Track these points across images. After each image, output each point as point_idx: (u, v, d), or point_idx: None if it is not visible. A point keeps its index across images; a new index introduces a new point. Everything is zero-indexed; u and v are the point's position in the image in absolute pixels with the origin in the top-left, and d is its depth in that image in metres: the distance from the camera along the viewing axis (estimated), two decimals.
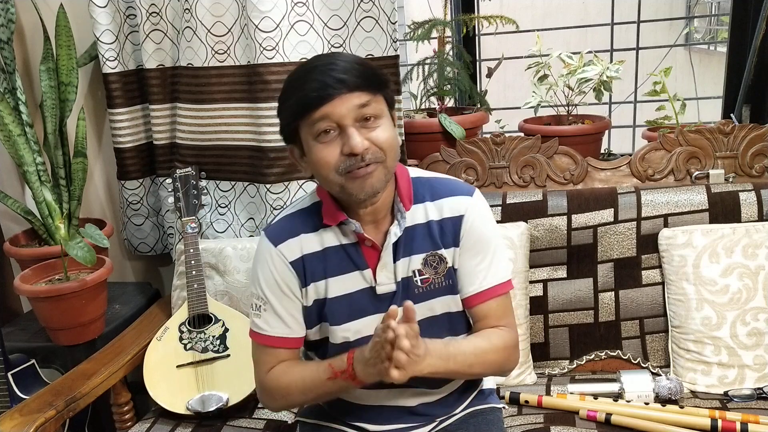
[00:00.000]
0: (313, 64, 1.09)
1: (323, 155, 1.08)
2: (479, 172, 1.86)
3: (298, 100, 1.07)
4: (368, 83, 1.08)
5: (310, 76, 1.07)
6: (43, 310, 1.75)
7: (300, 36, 1.75)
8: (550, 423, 1.48)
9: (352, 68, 1.07)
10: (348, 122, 1.07)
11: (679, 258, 1.64)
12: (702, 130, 1.78)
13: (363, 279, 1.19)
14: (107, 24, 1.88)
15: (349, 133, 1.06)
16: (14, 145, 1.84)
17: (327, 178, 1.11)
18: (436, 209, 1.20)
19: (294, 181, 1.86)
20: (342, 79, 1.05)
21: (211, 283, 1.82)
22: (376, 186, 1.10)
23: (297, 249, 1.19)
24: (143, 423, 1.62)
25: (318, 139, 1.08)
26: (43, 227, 1.95)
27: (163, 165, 2.00)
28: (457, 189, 1.22)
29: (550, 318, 1.74)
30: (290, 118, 1.11)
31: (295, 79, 1.10)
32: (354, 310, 1.19)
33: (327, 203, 1.18)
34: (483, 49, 2.34)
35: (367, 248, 1.18)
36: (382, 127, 1.10)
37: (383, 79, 1.13)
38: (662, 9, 3.55)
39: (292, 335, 1.21)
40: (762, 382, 1.56)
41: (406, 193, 1.19)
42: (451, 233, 1.20)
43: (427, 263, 1.19)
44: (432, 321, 1.21)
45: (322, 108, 1.06)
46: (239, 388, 1.65)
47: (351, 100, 1.06)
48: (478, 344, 1.18)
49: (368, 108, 1.08)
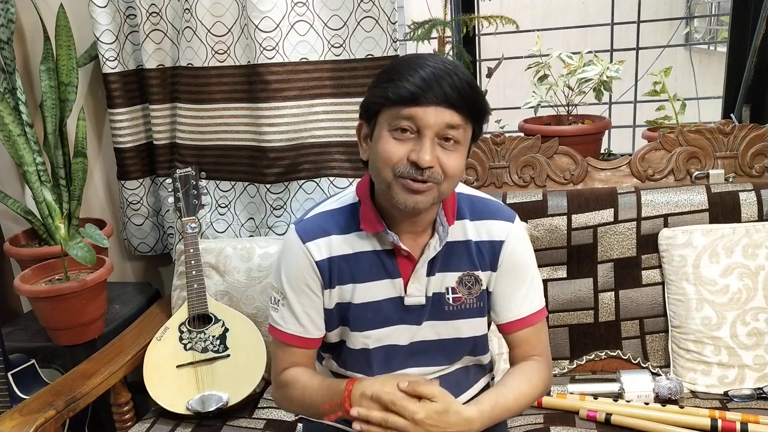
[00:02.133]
0: (432, 63, 1.04)
1: (389, 148, 1.04)
2: (479, 172, 1.86)
3: (396, 89, 1.03)
4: (468, 108, 1.04)
5: (422, 73, 1.02)
6: (43, 310, 1.75)
7: (300, 36, 1.75)
8: (550, 423, 1.48)
9: (462, 87, 1.03)
10: (428, 133, 1.03)
11: (679, 258, 1.64)
12: (702, 130, 1.78)
13: (393, 288, 1.16)
14: (107, 24, 1.88)
15: (424, 143, 1.03)
16: (14, 145, 1.84)
17: (380, 173, 1.07)
18: (475, 229, 1.18)
19: (294, 181, 1.86)
20: (447, 94, 1.02)
21: (211, 283, 1.82)
22: (421, 205, 1.06)
23: (326, 249, 1.15)
24: (143, 423, 1.63)
25: (393, 133, 1.05)
26: (43, 227, 1.95)
27: (163, 165, 2.00)
28: (499, 213, 1.20)
29: (550, 318, 1.74)
30: (378, 99, 1.06)
31: (407, 66, 1.05)
32: (378, 318, 1.17)
33: (366, 208, 1.15)
34: (483, 49, 2.34)
35: (402, 258, 1.15)
36: (457, 154, 1.06)
37: (483, 112, 1.09)
38: (662, 9, 3.54)
39: (306, 335, 1.19)
40: (762, 382, 1.56)
41: (451, 208, 1.16)
42: (490, 257, 1.18)
43: (462, 282, 1.17)
44: (457, 343, 1.20)
45: (414, 109, 1.02)
46: (239, 388, 1.65)
47: (444, 116, 1.02)
48: (522, 391, 1.17)
49: (455, 131, 1.04)
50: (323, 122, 1.81)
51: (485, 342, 1.25)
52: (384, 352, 1.18)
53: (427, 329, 1.18)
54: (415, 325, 1.18)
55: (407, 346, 1.18)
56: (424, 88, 1.01)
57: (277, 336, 1.21)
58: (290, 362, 1.21)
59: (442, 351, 1.17)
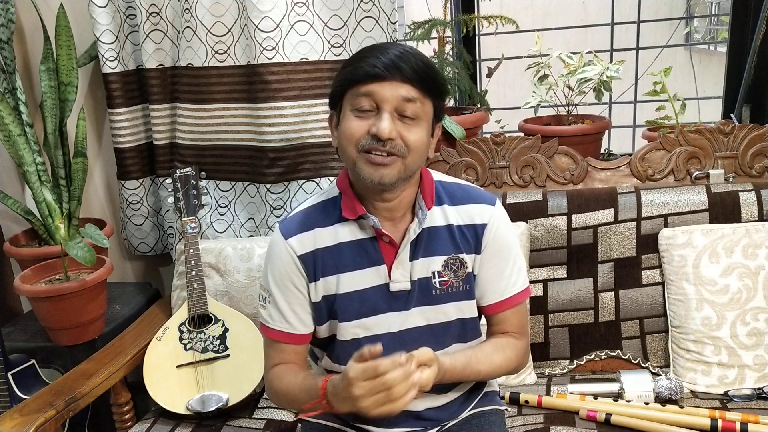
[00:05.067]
0: (384, 46, 1.10)
1: (351, 125, 1.09)
2: (479, 172, 1.86)
3: (353, 70, 1.08)
4: (423, 82, 1.08)
5: (374, 53, 1.08)
6: (43, 310, 1.75)
7: (300, 36, 1.75)
8: (550, 423, 1.48)
9: (415, 62, 1.07)
10: (386, 107, 1.07)
11: (679, 258, 1.64)
12: (702, 130, 1.78)
13: (377, 275, 1.18)
14: (107, 24, 1.88)
15: (382, 116, 1.07)
16: (14, 145, 1.84)
17: (346, 151, 1.11)
18: (457, 214, 1.20)
19: (294, 181, 1.86)
20: (399, 66, 1.06)
21: (211, 283, 1.82)
22: (387, 179, 1.09)
23: (309, 243, 1.18)
24: (143, 423, 1.62)
25: (354, 112, 1.09)
26: (43, 227, 1.95)
27: (163, 165, 2.00)
28: (480, 197, 1.22)
29: (550, 318, 1.74)
30: (339, 84, 1.11)
31: (362, 52, 1.11)
32: (365, 306, 1.18)
33: (347, 195, 1.17)
34: (483, 49, 2.34)
35: (385, 244, 1.17)
36: (418, 128, 1.09)
37: (440, 89, 1.12)
38: (662, 9, 3.54)
39: (292, 331, 1.21)
40: (762, 382, 1.56)
41: (429, 193, 1.19)
42: (473, 240, 1.20)
43: (448, 266, 1.19)
44: (445, 327, 1.21)
45: (370, 85, 1.06)
46: (239, 388, 1.65)
47: (399, 89, 1.06)
48: (494, 360, 1.20)
49: (412, 104, 1.08)
50: (323, 122, 1.81)
51: (475, 326, 1.25)
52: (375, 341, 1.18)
53: (416, 315, 1.19)
54: (404, 311, 1.18)
55: (398, 335, 1.19)
56: (380, 66, 1.06)
57: (266, 333, 1.23)
58: (279, 359, 1.23)
59: (433, 337, 1.18)
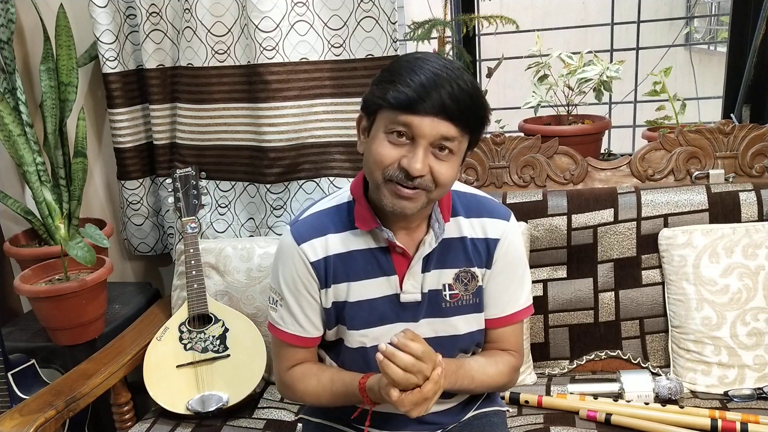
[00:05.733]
0: (434, 67, 1.01)
1: (382, 151, 1.04)
2: (479, 172, 1.86)
3: (396, 93, 1.01)
4: (466, 121, 1.03)
5: (422, 78, 1.00)
6: (43, 310, 1.75)
7: (300, 36, 1.75)
8: (550, 423, 1.48)
9: (462, 98, 1.01)
10: (422, 142, 1.02)
11: (679, 258, 1.64)
12: (702, 130, 1.78)
13: (388, 285, 1.17)
14: (107, 24, 1.88)
15: (417, 151, 1.02)
16: (14, 145, 1.84)
17: (372, 173, 1.07)
18: (471, 227, 1.18)
19: (294, 181, 1.86)
20: (446, 106, 1.00)
21: (211, 283, 1.82)
22: (408, 211, 1.07)
23: (321, 249, 1.16)
24: (143, 423, 1.63)
25: (388, 136, 1.04)
26: (43, 227, 1.95)
27: (163, 165, 2.00)
28: (495, 211, 1.21)
29: (550, 318, 1.74)
30: (379, 99, 1.04)
31: (409, 68, 1.02)
32: (374, 316, 1.17)
33: (361, 206, 1.15)
34: (483, 49, 2.34)
35: (397, 255, 1.16)
36: (450, 163, 1.06)
37: (482, 124, 1.08)
38: (662, 9, 3.55)
39: (305, 335, 1.20)
40: (762, 382, 1.56)
41: (447, 205, 1.17)
42: (485, 254, 1.19)
43: (459, 279, 1.18)
44: (453, 339, 1.20)
45: (410, 117, 1.01)
46: (239, 388, 1.65)
47: (439, 127, 1.01)
48: (487, 371, 1.20)
49: (450, 142, 1.04)
50: (323, 122, 1.81)
51: (482, 339, 1.25)
52: None
53: (424, 327, 1.18)
54: (412, 322, 1.18)
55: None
56: (423, 96, 1.00)
57: (278, 335, 1.22)
58: (295, 359, 1.23)
59: (440, 349, 1.18)
